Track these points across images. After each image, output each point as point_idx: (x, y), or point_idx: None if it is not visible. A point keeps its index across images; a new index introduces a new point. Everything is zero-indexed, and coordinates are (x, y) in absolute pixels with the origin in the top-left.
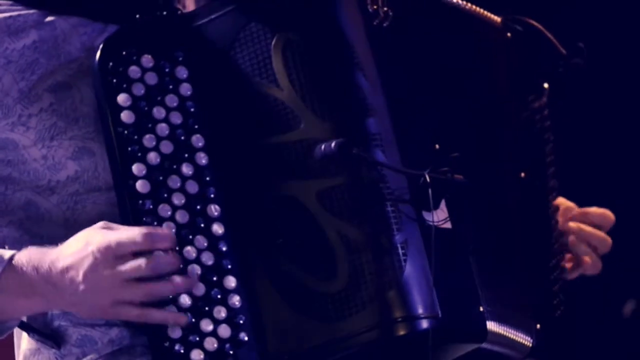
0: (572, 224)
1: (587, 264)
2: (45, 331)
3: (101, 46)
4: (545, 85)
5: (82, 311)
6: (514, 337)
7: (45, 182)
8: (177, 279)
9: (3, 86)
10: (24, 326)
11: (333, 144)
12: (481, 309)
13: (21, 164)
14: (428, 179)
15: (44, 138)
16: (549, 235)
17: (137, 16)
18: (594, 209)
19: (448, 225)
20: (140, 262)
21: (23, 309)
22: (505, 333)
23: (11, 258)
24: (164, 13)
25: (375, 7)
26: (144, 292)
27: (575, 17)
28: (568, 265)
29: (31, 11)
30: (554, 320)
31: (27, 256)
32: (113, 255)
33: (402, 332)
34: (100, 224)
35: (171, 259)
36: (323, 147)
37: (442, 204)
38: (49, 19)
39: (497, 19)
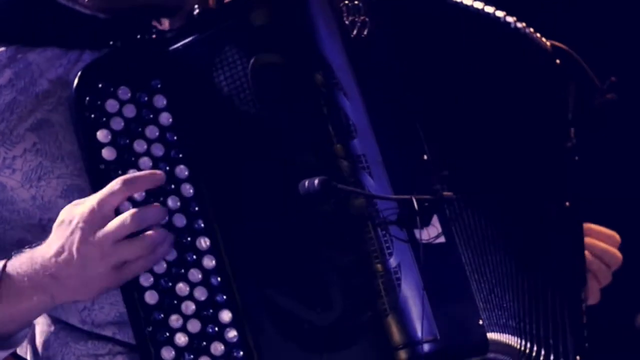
0: (586, 240)
1: (603, 281)
2: None
3: (76, 81)
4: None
5: (87, 291)
6: (516, 345)
7: (36, 221)
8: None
9: None
10: None
11: (316, 182)
12: (480, 322)
13: (10, 204)
14: (415, 204)
15: (31, 179)
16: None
17: (111, 43)
18: (602, 228)
19: (442, 239)
20: (124, 216)
21: (29, 312)
22: (507, 341)
23: (4, 266)
24: (138, 37)
25: (352, 17)
26: (138, 245)
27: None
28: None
29: (3, 48)
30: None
31: (19, 260)
32: (98, 218)
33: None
34: (73, 202)
35: (154, 208)
36: (306, 184)
37: (435, 219)
38: (23, 54)
39: (545, 41)
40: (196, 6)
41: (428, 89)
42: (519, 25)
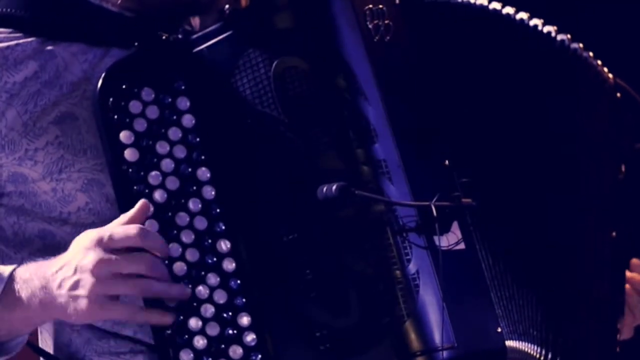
0: (628, 273)
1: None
2: None
3: (100, 82)
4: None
5: (76, 313)
6: (535, 354)
7: (57, 214)
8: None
9: (7, 121)
10: (50, 359)
11: (334, 188)
12: (499, 329)
13: (32, 196)
14: (434, 210)
15: (52, 171)
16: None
17: (136, 44)
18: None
19: (462, 246)
20: (132, 256)
21: (25, 321)
22: (526, 349)
23: (13, 270)
24: (163, 38)
25: (375, 21)
26: (134, 286)
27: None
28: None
29: (30, 39)
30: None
31: (27, 267)
32: (105, 247)
33: None
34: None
35: (161, 264)
36: (325, 189)
37: (455, 226)
38: (49, 47)
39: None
40: (227, 5)
41: (450, 94)
42: (576, 46)
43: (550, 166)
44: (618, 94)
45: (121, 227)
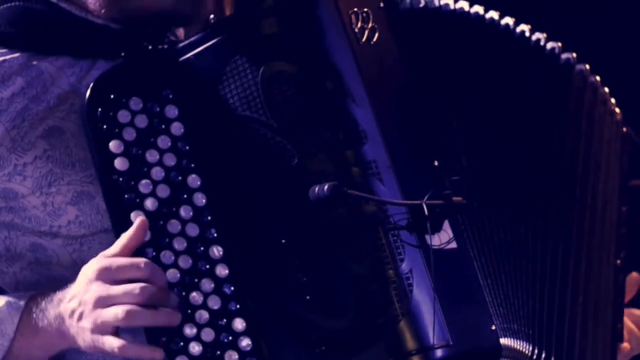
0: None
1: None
2: None
3: (88, 92)
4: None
5: (84, 344)
6: (529, 352)
7: (47, 228)
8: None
9: None
10: None
11: (326, 187)
12: (493, 327)
13: (22, 211)
14: (426, 209)
15: (41, 186)
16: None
17: (122, 54)
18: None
19: (454, 245)
20: (135, 286)
21: (45, 348)
22: (520, 348)
23: (30, 297)
24: (149, 47)
25: (361, 24)
26: (125, 315)
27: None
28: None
29: (16, 55)
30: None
31: (42, 297)
32: (110, 276)
33: None
34: (104, 252)
35: (165, 295)
36: (316, 189)
37: (446, 225)
38: (35, 62)
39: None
40: (212, 15)
41: (438, 95)
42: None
43: (541, 164)
44: (624, 129)
45: (128, 260)
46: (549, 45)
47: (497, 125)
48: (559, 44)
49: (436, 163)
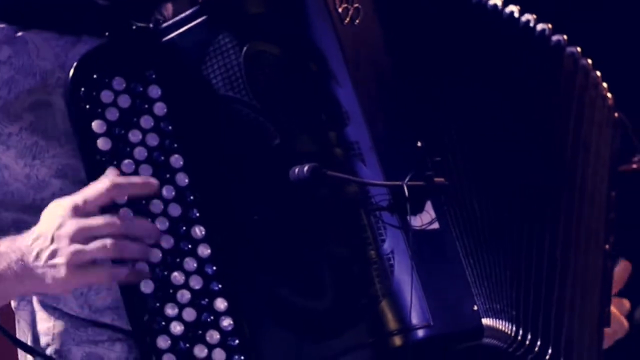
0: None
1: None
2: (49, 353)
3: (71, 72)
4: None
5: (55, 282)
6: (511, 332)
7: (30, 201)
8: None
9: None
10: (28, 349)
11: (305, 169)
12: (475, 307)
13: (4, 185)
14: (406, 190)
15: (25, 157)
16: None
17: (106, 34)
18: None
19: (436, 225)
20: (110, 219)
21: (2, 294)
22: (502, 328)
23: None
24: (133, 27)
25: (344, 5)
26: (112, 247)
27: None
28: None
29: (2, 26)
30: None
31: (3, 242)
32: (81, 213)
33: (397, 345)
34: (62, 197)
35: (144, 222)
36: (297, 171)
37: (428, 205)
38: (20, 34)
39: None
40: None
41: (421, 76)
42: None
43: (529, 146)
44: (616, 114)
45: (91, 187)
46: (539, 26)
47: (483, 107)
48: (549, 26)
49: (419, 144)
